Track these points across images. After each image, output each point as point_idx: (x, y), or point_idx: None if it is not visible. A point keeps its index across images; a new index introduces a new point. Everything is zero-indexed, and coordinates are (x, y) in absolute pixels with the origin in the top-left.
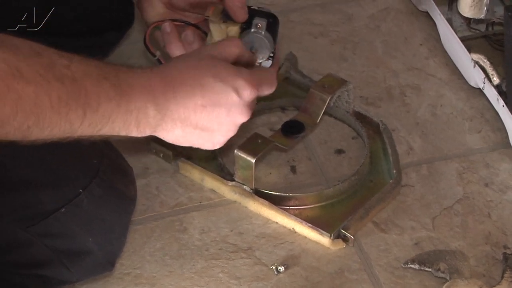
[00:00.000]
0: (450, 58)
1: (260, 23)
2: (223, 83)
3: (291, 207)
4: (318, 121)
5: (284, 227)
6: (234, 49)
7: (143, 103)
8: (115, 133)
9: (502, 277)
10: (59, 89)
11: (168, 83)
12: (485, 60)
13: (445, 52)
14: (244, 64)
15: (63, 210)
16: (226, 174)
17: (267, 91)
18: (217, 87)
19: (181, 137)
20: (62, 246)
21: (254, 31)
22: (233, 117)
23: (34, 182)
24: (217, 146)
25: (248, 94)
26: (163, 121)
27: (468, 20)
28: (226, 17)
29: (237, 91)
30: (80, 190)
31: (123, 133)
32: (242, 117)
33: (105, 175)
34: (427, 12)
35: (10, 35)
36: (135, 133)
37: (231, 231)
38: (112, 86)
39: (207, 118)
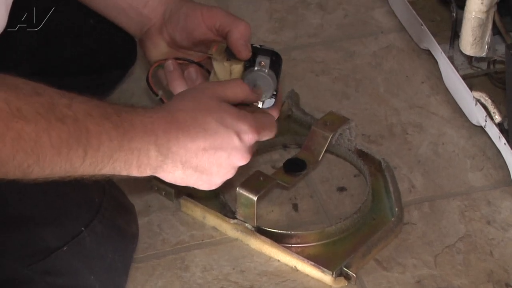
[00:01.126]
0: (452, 96)
1: (264, 61)
2: (226, 127)
3: (293, 245)
4: (320, 158)
5: (286, 265)
6: (240, 92)
7: (145, 144)
8: (116, 173)
9: None
10: (59, 128)
11: (171, 124)
12: (487, 98)
13: (447, 90)
14: (245, 104)
15: (65, 248)
16: (228, 212)
17: (267, 136)
18: (220, 131)
19: (180, 178)
20: (64, 284)
21: (257, 69)
22: (233, 161)
23: (36, 219)
24: (213, 187)
25: (250, 138)
26: (164, 163)
27: (469, 58)
28: (230, 55)
29: (239, 136)
30: (82, 228)
31: (124, 173)
32: (241, 161)
33: (107, 212)
34: (428, 50)
35: (12, 75)
36: (136, 173)
37: (233, 269)
38: (114, 126)
39: (208, 161)
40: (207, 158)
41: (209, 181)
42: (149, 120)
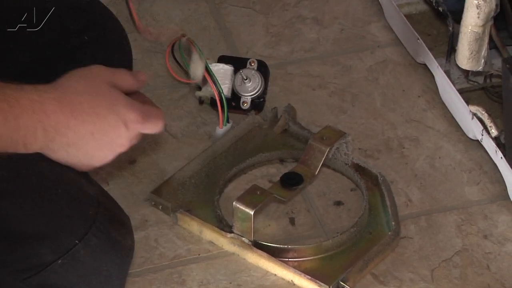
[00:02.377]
0: (448, 110)
1: (253, 61)
2: (116, 115)
3: (290, 259)
4: (316, 173)
5: (283, 279)
6: (129, 80)
7: (33, 122)
8: (2, 149)
9: None
10: None
11: (62, 106)
12: (483, 112)
13: (443, 104)
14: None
15: (60, 261)
16: (224, 226)
17: (153, 128)
18: (110, 118)
19: (62, 158)
20: None
21: (248, 67)
22: (115, 147)
23: (30, 233)
24: (88, 169)
25: (136, 128)
26: (51, 143)
27: (466, 72)
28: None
29: (126, 125)
30: (76, 241)
31: (11, 150)
32: (122, 149)
33: (102, 226)
34: (425, 64)
35: None
36: (23, 150)
37: (230, 283)
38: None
39: (92, 145)
40: (92, 142)
41: (88, 163)
42: (38, 99)
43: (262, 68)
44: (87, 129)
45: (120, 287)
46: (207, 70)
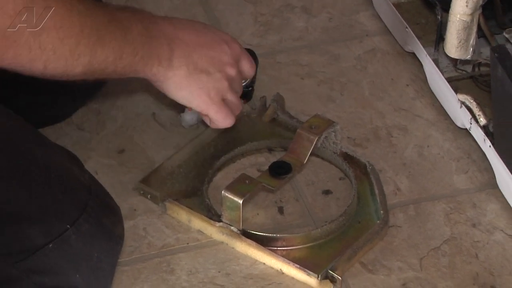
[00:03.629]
0: (437, 99)
1: None
2: (216, 34)
3: (278, 248)
4: (305, 161)
5: (272, 268)
6: (250, 64)
7: (161, 39)
8: (133, 69)
9: None
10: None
11: (174, 26)
12: (472, 101)
13: (432, 92)
14: None
15: (50, 245)
16: (213, 215)
17: (248, 68)
18: (210, 35)
19: (185, 78)
20: (49, 283)
21: None
22: (224, 63)
23: (22, 216)
24: (211, 100)
25: (237, 48)
26: (173, 58)
27: (454, 61)
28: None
29: (227, 43)
30: (68, 226)
31: (144, 62)
32: (230, 68)
33: (93, 212)
34: (413, 53)
35: None
36: (149, 72)
37: (219, 272)
38: (141, 22)
39: (205, 57)
40: (204, 54)
41: (208, 86)
42: (160, 24)
43: (251, 58)
44: (194, 41)
45: (110, 275)
46: None
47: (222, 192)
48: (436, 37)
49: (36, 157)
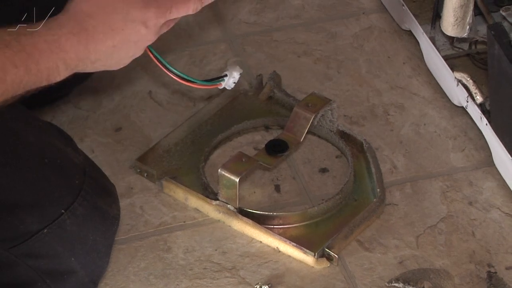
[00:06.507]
0: (434, 77)
1: None
2: (132, 21)
3: (275, 226)
4: (302, 140)
5: (268, 246)
6: None
7: (53, 62)
8: (27, 89)
9: None
10: None
11: (79, 36)
12: (468, 79)
13: (429, 70)
14: None
15: (45, 230)
16: (210, 193)
17: (182, 11)
18: (127, 27)
19: (92, 70)
20: (46, 266)
21: None
22: (141, 46)
23: (16, 202)
24: (120, 67)
25: (155, 23)
26: (76, 68)
27: (451, 39)
28: None
29: (145, 25)
30: (63, 211)
31: (35, 87)
32: (149, 42)
33: (88, 195)
34: (410, 31)
35: None
36: (47, 84)
37: (215, 250)
38: (17, 53)
39: (117, 54)
40: (116, 53)
41: (118, 66)
42: (54, 38)
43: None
44: (107, 45)
45: (106, 255)
46: (154, 55)
47: (219, 170)
48: (432, 15)
49: (29, 142)
